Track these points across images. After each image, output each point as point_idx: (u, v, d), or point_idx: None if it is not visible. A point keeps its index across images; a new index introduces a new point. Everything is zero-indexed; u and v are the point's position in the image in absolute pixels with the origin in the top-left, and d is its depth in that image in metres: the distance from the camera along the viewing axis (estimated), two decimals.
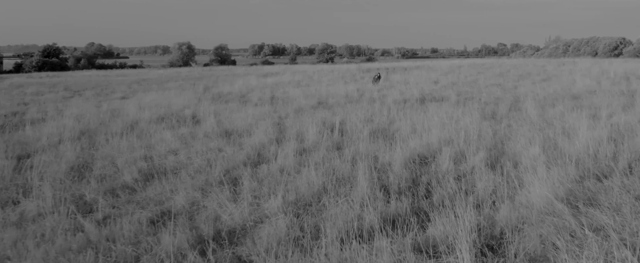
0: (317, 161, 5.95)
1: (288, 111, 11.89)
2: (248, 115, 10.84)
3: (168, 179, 5.45)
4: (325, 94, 15.87)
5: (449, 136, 7.40)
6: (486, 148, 6.40)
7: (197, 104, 13.48)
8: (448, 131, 7.80)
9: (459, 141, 6.89)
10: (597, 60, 33.14)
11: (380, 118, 10.12)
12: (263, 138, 7.41)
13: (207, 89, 20.58)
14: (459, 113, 10.39)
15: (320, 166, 5.54)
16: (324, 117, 10.33)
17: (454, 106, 12.23)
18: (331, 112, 11.33)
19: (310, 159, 5.94)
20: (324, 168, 5.51)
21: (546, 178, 4.33)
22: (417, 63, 41.44)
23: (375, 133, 8.10)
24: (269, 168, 5.75)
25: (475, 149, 6.13)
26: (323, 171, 5.37)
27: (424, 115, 10.37)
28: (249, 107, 12.87)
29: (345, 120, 9.76)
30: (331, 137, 7.73)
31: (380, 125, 9.17)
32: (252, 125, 9.02)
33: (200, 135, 7.94)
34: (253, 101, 14.93)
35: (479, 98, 13.76)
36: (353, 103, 13.28)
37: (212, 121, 9.70)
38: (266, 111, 11.83)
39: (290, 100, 14.58)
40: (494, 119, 9.95)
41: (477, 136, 7.42)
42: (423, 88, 17.28)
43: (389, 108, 11.63)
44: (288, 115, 10.87)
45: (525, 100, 13.19)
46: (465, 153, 6.10)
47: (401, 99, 13.77)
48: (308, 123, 9.04)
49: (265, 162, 6.10)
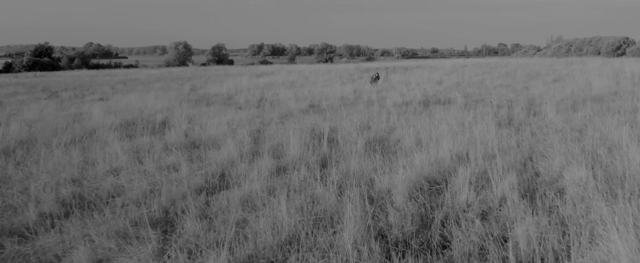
0: (294, 185, 4.54)
1: (274, 115, 10.47)
2: (227, 121, 9.42)
3: (87, 215, 4.03)
4: (319, 96, 14.45)
5: (463, 150, 5.98)
6: (513, 167, 4.98)
7: (175, 108, 12.06)
8: (460, 142, 6.39)
9: (476, 157, 5.48)
10: (606, 59, 31.70)
11: (379, 124, 8.70)
12: (234, 151, 5.99)
13: (194, 89, 19.17)
14: (470, 118, 8.97)
15: (295, 196, 4.13)
16: (314, 123, 8.91)
17: (462, 109, 10.81)
18: (323, 117, 9.92)
19: (286, 184, 4.53)
20: (301, 198, 4.09)
21: (628, 230, 2.89)
22: (418, 63, 40.01)
23: (372, 144, 6.69)
24: (228, 198, 4.33)
25: (500, 170, 4.70)
26: (299, 203, 3.95)
27: (430, 121, 8.95)
28: (232, 110, 11.46)
29: (338, 127, 8.35)
30: (318, 150, 6.32)
31: (378, 134, 7.75)
32: (227, 134, 7.60)
33: (159, 147, 6.52)
34: (239, 104, 13.51)
35: (490, 101, 12.33)
36: (349, 106, 11.86)
37: (181, 128, 8.29)
38: (250, 115, 10.42)
39: (279, 103, 13.17)
40: (511, 125, 8.53)
41: (498, 149, 6.01)
42: (426, 89, 15.86)
43: (388, 112, 10.22)
44: (272, 121, 9.45)
45: (541, 103, 11.78)
46: (488, 175, 4.68)
47: (402, 102, 12.35)
48: (293, 131, 7.64)
49: (227, 188, 4.68)
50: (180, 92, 17.79)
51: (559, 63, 28.93)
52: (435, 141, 6.65)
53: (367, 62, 47.29)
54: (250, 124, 9.06)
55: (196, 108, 12.03)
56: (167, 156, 6.05)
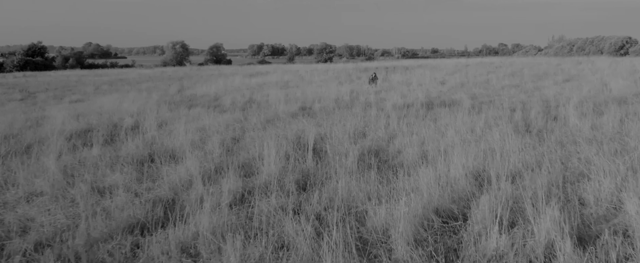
0: (259, 221, 3.37)
1: (259, 120, 9.29)
2: (203, 127, 8.24)
3: None
4: (313, 97, 13.27)
5: (479, 165, 4.81)
6: (551, 193, 3.80)
7: (151, 111, 10.88)
8: (474, 154, 5.21)
9: (498, 175, 4.30)
10: (614, 59, 30.51)
11: (376, 131, 7.52)
12: (195, 167, 4.81)
13: (181, 90, 18.00)
14: (482, 124, 7.79)
15: (256, 241, 2.95)
16: (302, 129, 7.73)
17: (470, 113, 9.64)
18: (313, 122, 8.74)
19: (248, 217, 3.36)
20: (263, 244, 2.91)
21: None
22: (418, 62, 38.79)
23: (368, 157, 5.51)
24: (163, 242, 3.14)
25: (534, 197, 3.53)
26: (258, 253, 2.77)
27: (435, 127, 7.77)
28: (214, 114, 10.28)
29: (329, 134, 7.17)
30: (301, 164, 5.14)
31: (375, 143, 6.57)
32: (197, 144, 6.41)
33: (106, 161, 5.33)
34: (224, 106, 12.33)
35: (500, 103, 11.14)
36: (344, 109, 10.68)
37: (147, 136, 7.11)
38: (231, 119, 9.24)
39: (268, 105, 11.99)
40: (530, 132, 7.35)
41: (523, 164, 4.83)
42: (428, 90, 14.68)
43: (387, 116, 9.04)
44: (255, 127, 8.27)
45: (558, 105, 10.60)
46: (519, 204, 3.51)
47: (403, 104, 11.17)
48: (276, 139, 6.45)
49: (169, 224, 3.49)
50: (166, 93, 16.62)
51: (566, 62, 27.74)
52: (444, 153, 5.47)
53: (367, 62, 46.12)
54: (228, 130, 7.88)
55: (174, 111, 10.85)
56: (112, 173, 4.86)
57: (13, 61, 49.53)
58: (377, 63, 40.22)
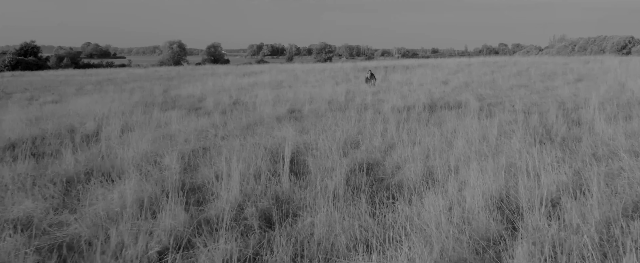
0: None
1: (239, 124, 8.18)
2: (170, 133, 7.14)
3: None
4: (304, 99, 12.16)
5: (502, 189, 3.70)
6: (613, 238, 2.68)
7: (122, 114, 9.78)
8: (493, 171, 4.10)
9: (532, 206, 3.19)
10: (622, 58, 29.39)
11: (371, 139, 6.40)
12: (134, 191, 3.69)
13: (167, 90, 16.88)
14: (495, 130, 6.66)
15: None
16: (284, 137, 6.61)
17: (478, 116, 8.53)
18: (299, 127, 7.62)
19: None
20: None
21: None
22: (419, 62, 37.62)
23: (359, 176, 4.39)
24: None
25: (593, 244, 2.41)
26: None
27: (440, 134, 6.65)
28: (192, 118, 9.18)
29: (315, 144, 6.05)
30: (274, 185, 4.03)
31: (369, 155, 5.45)
32: (151, 156, 5.30)
33: (25, 181, 4.21)
34: (206, 108, 11.22)
35: (511, 105, 10.02)
36: (337, 112, 9.56)
37: (98, 146, 6.00)
38: (208, 124, 8.13)
39: (255, 107, 10.88)
40: (552, 141, 6.23)
41: (557, 187, 3.72)
42: (431, 90, 13.56)
43: (385, 121, 7.92)
44: (232, 133, 7.15)
45: (577, 107, 9.48)
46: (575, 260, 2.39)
47: (403, 106, 10.05)
48: (250, 151, 5.35)
49: None
50: (150, 94, 15.50)
51: (573, 61, 26.61)
52: (455, 170, 4.35)
53: (366, 62, 45.00)
54: (199, 138, 6.76)
55: (148, 114, 9.74)
56: (25, 199, 3.74)
57: (4, 60, 48.44)
58: (376, 62, 39.10)
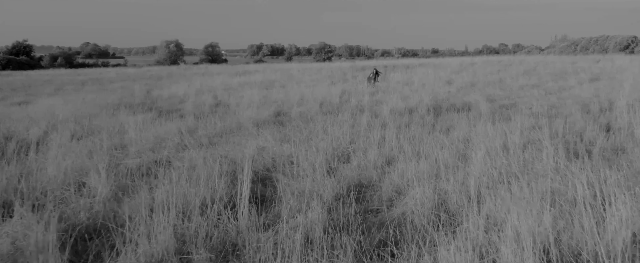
0: None
1: (213, 130, 7.02)
2: (124, 143, 5.97)
3: None
4: (295, 100, 11.00)
5: (550, 234, 2.52)
6: None
7: (85, 118, 8.63)
8: (529, 203, 2.95)
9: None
10: (633, 57, 28.20)
11: (366, 150, 5.22)
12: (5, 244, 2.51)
13: (150, 91, 15.69)
14: (515, 138, 5.48)
15: None
16: (260, 147, 5.44)
17: (490, 120, 7.37)
18: (281, 134, 6.45)
19: None
20: None
21: None
22: (420, 61, 36.38)
23: (346, 204, 3.23)
24: None
25: None
26: None
27: (449, 143, 5.47)
28: (161, 121, 8.01)
29: (295, 157, 4.87)
30: (226, 223, 2.86)
31: (360, 173, 4.28)
32: (81, 174, 4.13)
33: None
34: (184, 111, 10.05)
35: (529, 107, 8.84)
36: (329, 115, 8.39)
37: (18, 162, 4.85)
38: (176, 130, 6.96)
39: (239, 108, 9.70)
40: (589, 154, 5.05)
41: (632, 231, 2.55)
42: (434, 91, 12.38)
43: (383, 126, 6.75)
44: (197, 142, 5.98)
45: (603, 110, 8.32)
46: None
47: (404, 109, 8.89)
48: (212, 166, 4.19)
49: None
50: (131, 94, 14.33)
51: (581, 60, 25.42)
52: (477, 200, 3.18)
53: (365, 61, 43.80)
54: (158, 149, 5.59)
55: (115, 117, 8.57)
56: None
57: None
58: (376, 62, 37.92)
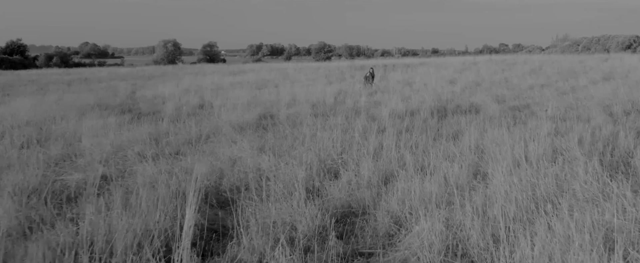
0: None
1: (187, 136, 6.13)
2: (73, 153, 5.08)
3: None
4: (286, 100, 10.11)
5: None
6: None
7: (50, 121, 7.74)
8: (575, 242, 2.06)
9: None
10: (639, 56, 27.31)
11: (359, 162, 4.31)
12: None
13: (134, 91, 14.79)
14: (537, 147, 4.58)
15: None
16: (234, 158, 4.55)
17: (503, 123, 6.48)
18: (263, 141, 5.55)
19: None
20: None
21: None
22: (420, 60, 35.44)
23: (328, 242, 2.34)
24: None
25: None
26: None
27: (459, 154, 4.58)
28: (131, 126, 7.12)
29: (273, 171, 3.98)
30: None
31: (350, 196, 3.38)
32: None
33: None
34: (164, 112, 9.16)
35: (543, 109, 7.94)
36: (321, 118, 7.50)
37: None
38: (144, 137, 6.07)
39: (223, 110, 8.80)
40: (629, 166, 4.15)
41: None
42: (437, 91, 11.48)
43: (381, 130, 5.86)
44: (162, 152, 5.08)
45: (627, 112, 7.43)
46: None
47: (405, 111, 7.99)
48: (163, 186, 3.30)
49: None
50: (114, 94, 13.45)
51: (589, 59, 24.53)
52: (508, 241, 2.28)
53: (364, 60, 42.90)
54: (111, 162, 4.69)
55: (82, 121, 7.67)
56: None
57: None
58: (375, 61, 37.01)
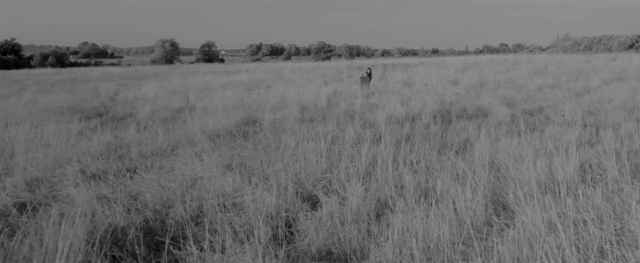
0: None
1: (151, 147, 5.29)
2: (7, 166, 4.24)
3: None
4: (276, 103, 9.26)
5: None
6: None
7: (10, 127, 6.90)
8: None
9: None
10: None
11: (348, 183, 3.45)
12: None
13: (118, 92, 13.94)
14: (564, 162, 3.72)
15: None
16: (194, 177, 3.71)
17: (513, 130, 5.63)
18: (234, 154, 4.70)
19: None
20: None
21: None
22: (420, 60, 34.54)
23: None
24: None
25: None
26: None
27: (472, 171, 3.73)
28: (92, 134, 6.28)
29: (238, 196, 3.14)
30: None
31: (332, 236, 2.52)
32: None
33: None
34: (140, 116, 8.31)
35: (561, 114, 7.07)
36: (310, 124, 6.65)
37: None
38: (100, 147, 5.22)
39: (205, 113, 7.94)
40: None
41: None
42: (439, 93, 10.62)
43: (376, 139, 5.01)
44: (109, 170, 4.23)
45: None
46: None
47: (405, 115, 7.13)
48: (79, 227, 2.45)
49: None
50: (96, 95, 12.62)
51: (595, 59, 23.67)
52: None
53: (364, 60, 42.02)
54: (40, 184, 3.84)
55: (39, 127, 6.82)
56: None
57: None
58: (375, 60, 36.13)
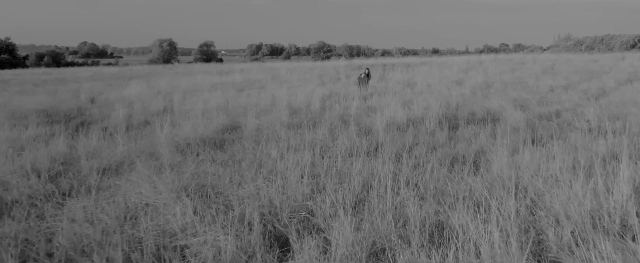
0: None
1: (105, 161, 4.47)
2: None
3: None
4: (265, 104, 8.45)
5: None
6: None
7: None
8: None
9: None
10: None
11: (334, 215, 2.62)
12: None
13: (101, 93, 13.11)
14: (622, 190, 2.90)
15: None
16: (141, 205, 2.90)
17: (530, 138, 4.79)
18: (197, 172, 3.87)
19: None
20: None
21: None
22: (422, 60, 33.66)
23: None
24: None
25: None
26: None
27: (493, 199, 2.92)
28: (42, 144, 5.46)
29: (188, 236, 2.32)
30: None
31: None
32: None
33: None
34: (113, 121, 7.48)
35: (586, 119, 6.22)
36: (298, 130, 5.81)
37: None
38: (40, 162, 4.40)
39: (186, 117, 7.11)
40: None
41: None
42: (443, 94, 9.77)
43: (372, 151, 4.19)
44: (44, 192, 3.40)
45: None
46: None
47: (406, 120, 6.30)
48: None
49: None
50: (74, 97, 11.81)
51: (603, 58, 22.83)
52: None
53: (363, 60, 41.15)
54: None
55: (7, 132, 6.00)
56: None
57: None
58: (375, 60, 35.29)
